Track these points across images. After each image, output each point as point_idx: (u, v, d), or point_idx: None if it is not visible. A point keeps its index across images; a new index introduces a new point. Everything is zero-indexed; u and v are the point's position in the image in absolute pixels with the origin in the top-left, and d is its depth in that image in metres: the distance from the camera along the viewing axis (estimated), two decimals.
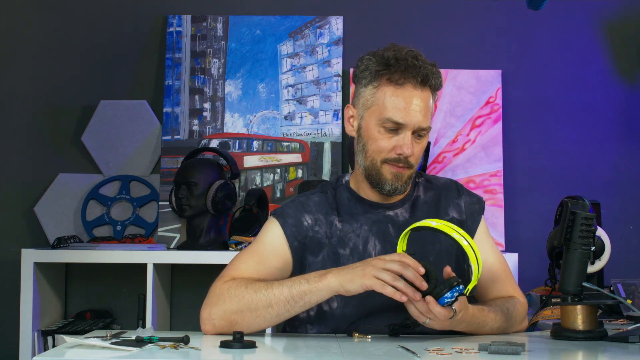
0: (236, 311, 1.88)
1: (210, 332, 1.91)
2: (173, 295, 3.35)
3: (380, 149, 2.00)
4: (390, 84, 1.98)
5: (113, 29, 3.48)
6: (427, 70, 1.98)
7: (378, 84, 1.99)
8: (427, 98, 1.99)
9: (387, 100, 1.98)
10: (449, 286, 1.78)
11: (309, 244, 2.04)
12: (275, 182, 3.36)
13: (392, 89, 1.97)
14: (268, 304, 1.87)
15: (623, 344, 1.83)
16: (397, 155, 1.98)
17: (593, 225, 1.90)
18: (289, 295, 1.86)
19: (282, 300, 1.87)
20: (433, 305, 1.77)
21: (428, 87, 1.99)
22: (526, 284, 3.02)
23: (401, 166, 2.00)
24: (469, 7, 3.45)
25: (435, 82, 2.00)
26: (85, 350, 1.65)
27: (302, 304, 1.87)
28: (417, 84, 1.97)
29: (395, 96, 1.97)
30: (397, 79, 1.97)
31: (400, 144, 1.98)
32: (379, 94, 1.99)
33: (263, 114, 3.39)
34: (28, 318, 2.97)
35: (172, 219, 3.29)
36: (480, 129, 3.35)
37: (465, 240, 1.80)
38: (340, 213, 2.08)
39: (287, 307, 1.87)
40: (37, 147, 3.44)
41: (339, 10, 3.44)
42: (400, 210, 2.08)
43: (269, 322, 1.89)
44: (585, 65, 3.43)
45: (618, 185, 3.40)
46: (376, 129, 1.99)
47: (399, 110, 1.96)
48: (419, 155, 2.02)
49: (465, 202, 2.13)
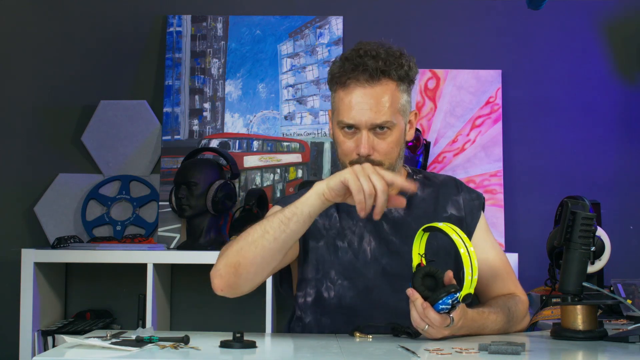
0: (237, 251, 1.86)
1: (219, 287, 1.88)
2: (173, 295, 3.35)
3: (344, 152, 2.00)
4: (340, 86, 1.98)
5: (113, 29, 3.48)
6: (375, 64, 1.94)
7: (335, 88, 2.01)
8: (383, 92, 1.95)
9: (339, 104, 1.98)
10: (446, 292, 1.78)
11: (311, 229, 2.01)
12: (275, 182, 3.36)
13: (342, 92, 1.97)
14: (264, 231, 1.84)
15: (623, 344, 1.83)
16: (357, 156, 1.98)
17: (593, 225, 1.90)
18: (282, 216, 1.85)
19: (275, 224, 1.84)
20: (428, 311, 1.77)
21: (385, 80, 1.96)
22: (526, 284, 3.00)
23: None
24: (469, 7, 3.45)
25: (397, 72, 1.96)
26: (85, 350, 1.65)
27: (295, 220, 1.84)
28: (365, 80, 1.94)
29: (345, 98, 1.97)
30: (344, 81, 1.96)
31: (357, 144, 1.97)
32: (336, 98, 2.00)
33: (263, 114, 3.39)
34: (28, 318, 2.97)
35: (172, 219, 3.29)
36: (480, 129, 3.35)
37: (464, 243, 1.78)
38: (339, 208, 2.09)
39: (281, 227, 1.84)
40: (37, 147, 3.44)
41: (339, 10, 3.44)
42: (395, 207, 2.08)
43: (269, 249, 1.85)
44: (585, 65, 3.43)
45: (618, 185, 3.40)
46: (339, 132, 2.00)
47: (349, 111, 1.96)
48: (386, 151, 1.98)
49: (464, 199, 2.12)
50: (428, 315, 1.77)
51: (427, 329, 1.80)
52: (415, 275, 1.83)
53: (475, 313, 1.91)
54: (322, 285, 2.04)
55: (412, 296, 1.79)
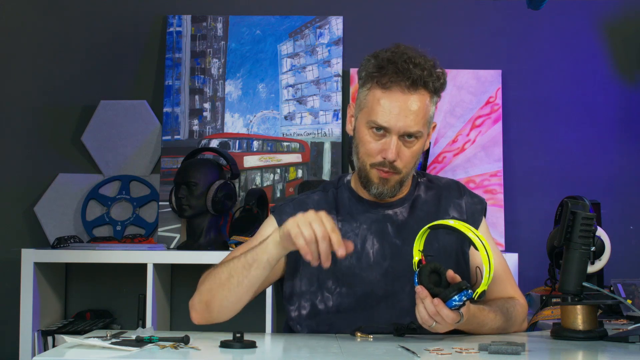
0: (208, 290, 1.94)
1: (196, 319, 1.98)
2: (173, 295, 3.35)
3: (368, 152, 2.00)
4: (379, 87, 1.97)
5: (113, 29, 3.48)
6: (419, 73, 1.95)
7: (370, 85, 1.99)
8: (419, 101, 1.96)
9: (374, 103, 1.97)
10: (458, 289, 1.77)
11: None
12: (275, 182, 3.36)
13: (380, 92, 1.97)
14: (229, 275, 1.91)
15: (623, 344, 1.83)
16: (382, 159, 1.98)
17: (593, 225, 1.90)
18: (244, 261, 1.90)
19: (239, 268, 1.90)
20: (441, 308, 1.77)
21: (422, 90, 1.97)
22: (526, 284, 3.02)
23: (386, 170, 1.99)
24: (469, 7, 3.45)
25: (433, 85, 1.97)
26: (85, 350, 1.65)
27: (256, 266, 1.88)
28: (407, 87, 1.95)
29: (382, 99, 1.96)
30: (384, 82, 1.96)
31: (385, 147, 1.97)
32: (369, 96, 1.99)
33: (263, 114, 3.39)
34: (28, 318, 2.98)
35: (172, 219, 3.29)
36: (480, 129, 3.35)
37: (481, 242, 1.77)
38: (340, 212, 2.08)
39: (244, 272, 1.89)
40: (37, 147, 3.44)
41: (339, 10, 3.44)
42: (400, 210, 2.08)
43: (234, 293, 1.91)
44: (585, 65, 3.43)
45: (618, 185, 3.40)
46: (365, 131, 1.99)
47: (385, 114, 1.95)
48: (408, 161, 1.99)
49: (466, 203, 2.13)
50: (441, 313, 1.77)
51: (434, 326, 1.80)
52: (422, 272, 1.81)
53: (476, 309, 1.91)
54: (317, 298, 2.03)
55: (422, 293, 1.78)
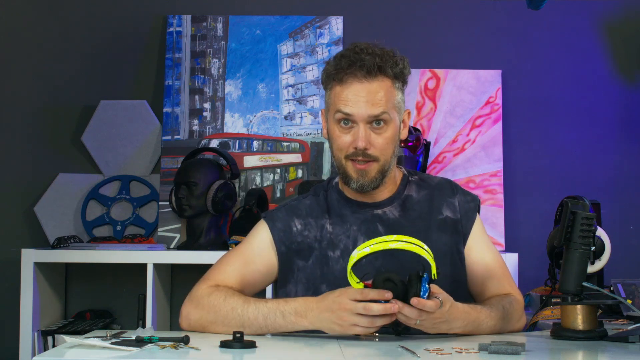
0: (211, 322, 1.95)
1: (184, 328, 1.99)
2: (173, 295, 3.35)
3: (340, 146, 2.02)
4: (337, 82, 2.02)
5: (113, 29, 3.48)
6: (373, 60, 1.98)
7: (331, 85, 2.04)
8: (379, 87, 1.99)
9: (336, 98, 2.02)
10: (417, 279, 1.77)
11: (298, 249, 2.07)
12: (275, 182, 3.36)
13: (340, 87, 2.01)
14: (241, 325, 1.92)
15: (623, 344, 1.83)
16: (354, 150, 2.00)
17: (593, 225, 1.90)
18: (263, 323, 1.91)
19: (254, 325, 1.92)
20: (422, 303, 1.76)
21: (381, 76, 1.99)
22: (526, 284, 3.02)
23: (361, 160, 2.00)
24: (469, 7, 3.45)
25: (392, 70, 2.00)
26: (85, 350, 1.65)
27: (276, 329, 1.92)
28: (363, 76, 1.98)
29: (343, 92, 2.00)
30: (341, 77, 2.00)
31: (355, 138, 2.00)
32: (332, 94, 2.04)
33: (263, 114, 3.39)
34: (28, 318, 2.98)
35: (172, 219, 3.29)
36: (480, 129, 3.35)
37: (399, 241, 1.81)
38: (331, 215, 2.09)
39: (258, 331, 1.92)
40: (37, 147, 3.44)
41: (339, 10, 3.44)
42: (389, 209, 2.08)
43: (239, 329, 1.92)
44: (585, 65, 3.43)
45: (618, 185, 3.40)
46: (335, 127, 2.03)
47: (347, 102, 1.99)
48: (382, 147, 2.01)
49: (459, 201, 2.12)
50: (424, 307, 1.76)
51: (418, 323, 1.79)
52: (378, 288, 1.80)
53: (468, 306, 1.91)
54: None
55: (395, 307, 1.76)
